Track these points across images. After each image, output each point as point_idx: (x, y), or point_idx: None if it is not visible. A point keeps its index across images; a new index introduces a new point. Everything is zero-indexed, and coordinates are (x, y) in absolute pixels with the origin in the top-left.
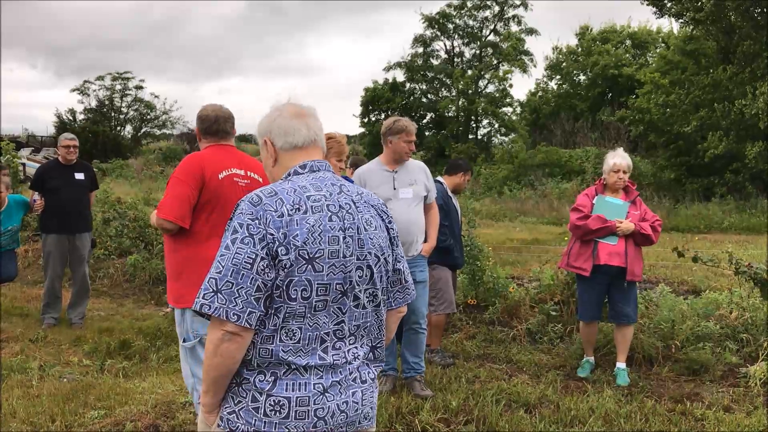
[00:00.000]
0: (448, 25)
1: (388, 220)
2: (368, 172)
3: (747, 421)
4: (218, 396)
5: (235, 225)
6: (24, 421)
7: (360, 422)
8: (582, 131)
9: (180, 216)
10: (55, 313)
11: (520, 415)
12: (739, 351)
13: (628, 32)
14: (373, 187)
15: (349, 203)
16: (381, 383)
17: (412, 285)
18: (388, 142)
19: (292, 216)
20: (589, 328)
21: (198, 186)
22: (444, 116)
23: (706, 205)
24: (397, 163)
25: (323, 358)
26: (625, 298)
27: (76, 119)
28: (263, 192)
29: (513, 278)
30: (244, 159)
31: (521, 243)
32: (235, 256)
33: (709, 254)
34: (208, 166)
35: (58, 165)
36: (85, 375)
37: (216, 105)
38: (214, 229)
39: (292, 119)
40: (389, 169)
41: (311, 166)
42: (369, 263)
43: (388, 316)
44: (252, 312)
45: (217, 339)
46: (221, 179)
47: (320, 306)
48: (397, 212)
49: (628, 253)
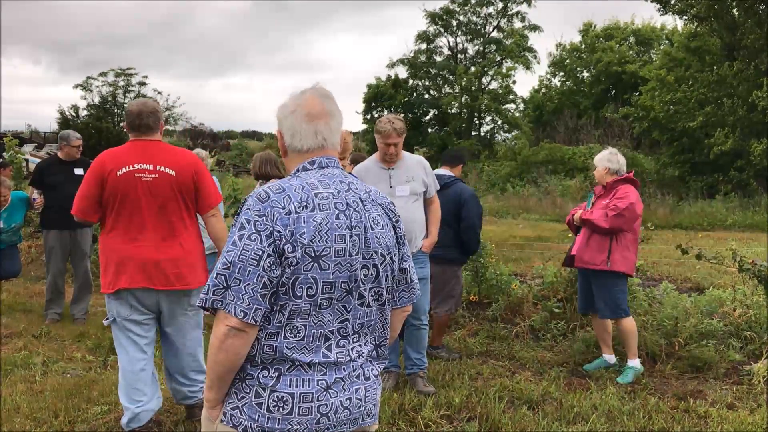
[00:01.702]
0: (451, 21)
1: (395, 219)
2: (364, 170)
3: (750, 419)
4: (222, 392)
5: (242, 221)
6: (27, 417)
7: (363, 419)
8: (585, 128)
9: (81, 210)
10: (58, 309)
11: (523, 412)
12: (742, 348)
13: (632, 29)
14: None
15: (356, 201)
16: (384, 380)
17: (417, 284)
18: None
19: (299, 213)
20: (593, 322)
21: (98, 184)
22: (447, 113)
23: (710, 203)
24: (389, 162)
25: (327, 355)
26: (597, 289)
27: (79, 115)
28: (271, 188)
29: (516, 275)
30: (158, 153)
31: (524, 240)
32: (242, 252)
33: (712, 252)
34: (108, 164)
35: (58, 161)
36: (88, 370)
37: (142, 100)
38: (115, 222)
39: (302, 122)
40: (385, 167)
41: (320, 162)
42: (375, 262)
43: (393, 315)
44: (258, 309)
45: (222, 334)
46: (119, 176)
47: (325, 304)
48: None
49: (579, 241)
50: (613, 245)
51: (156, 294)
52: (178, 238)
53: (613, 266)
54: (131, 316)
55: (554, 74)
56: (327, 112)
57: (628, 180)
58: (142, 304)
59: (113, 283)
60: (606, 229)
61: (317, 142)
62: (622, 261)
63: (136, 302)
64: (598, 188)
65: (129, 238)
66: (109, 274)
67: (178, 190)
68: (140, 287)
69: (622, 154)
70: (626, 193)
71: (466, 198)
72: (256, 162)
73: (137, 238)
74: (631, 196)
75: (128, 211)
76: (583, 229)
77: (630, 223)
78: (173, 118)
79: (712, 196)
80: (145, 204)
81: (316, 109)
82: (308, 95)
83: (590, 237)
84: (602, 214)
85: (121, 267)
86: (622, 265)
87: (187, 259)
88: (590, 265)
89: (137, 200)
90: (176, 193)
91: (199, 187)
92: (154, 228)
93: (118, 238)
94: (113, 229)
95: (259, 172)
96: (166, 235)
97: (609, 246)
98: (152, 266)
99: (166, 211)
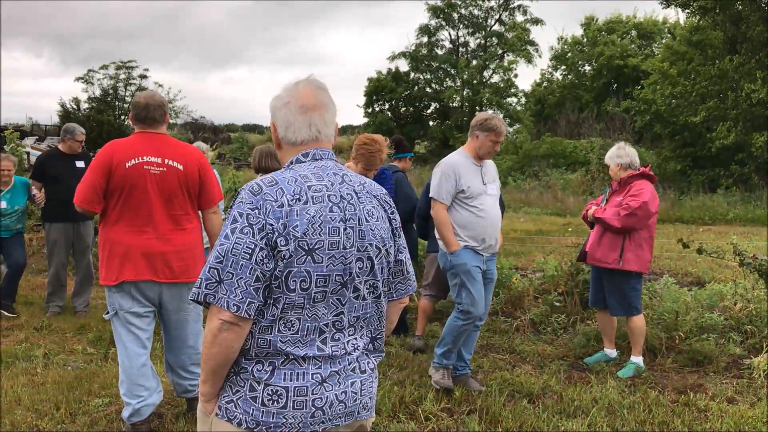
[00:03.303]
0: (453, 14)
1: (390, 210)
2: (461, 164)
3: (750, 413)
4: (216, 385)
5: (235, 214)
6: (29, 409)
7: (359, 412)
8: (587, 122)
9: (86, 200)
10: (59, 302)
11: (523, 405)
12: (743, 342)
13: (634, 23)
14: (467, 180)
15: (350, 194)
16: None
17: (413, 276)
18: (476, 136)
19: (292, 206)
20: (599, 316)
21: (105, 174)
22: (448, 106)
23: (711, 197)
24: (481, 158)
25: (322, 349)
26: (608, 287)
27: (80, 108)
28: (264, 181)
29: (517, 269)
30: (166, 146)
31: (525, 234)
32: (234, 246)
33: (713, 246)
34: (116, 155)
35: (59, 154)
36: (90, 363)
37: (150, 92)
38: (121, 214)
39: (296, 113)
40: (477, 164)
41: (314, 154)
42: (370, 254)
43: (390, 307)
44: (251, 302)
45: (215, 328)
46: (128, 167)
47: (319, 297)
48: (487, 208)
49: (592, 237)
50: (626, 244)
51: (159, 286)
52: (183, 231)
53: (626, 265)
54: (133, 309)
55: (556, 68)
56: (321, 103)
57: (644, 175)
58: (144, 296)
59: (117, 274)
60: (618, 228)
61: (311, 134)
62: (635, 260)
63: (139, 294)
64: (615, 183)
65: (135, 230)
66: (112, 265)
67: (184, 184)
68: (144, 279)
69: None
70: (640, 190)
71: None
72: (256, 155)
73: (144, 230)
74: (645, 193)
75: (135, 202)
76: (596, 226)
77: (643, 222)
78: (174, 111)
79: (713, 190)
80: (153, 196)
81: (310, 101)
82: (302, 87)
83: (603, 234)
84: (615, 213)
85: (126, 258)
86: (634, 264)
87: (191, 252)
88: (602, 264)
89: (145, 192)
90: (182, 187)
91: (204, 183)
92: (160, 220)
93: (123, 230)
94: (118, 221)
95: (259, 166)
96: (172, 228)
97: (622, 244)
98: (158, 258)
99: (173, 204)
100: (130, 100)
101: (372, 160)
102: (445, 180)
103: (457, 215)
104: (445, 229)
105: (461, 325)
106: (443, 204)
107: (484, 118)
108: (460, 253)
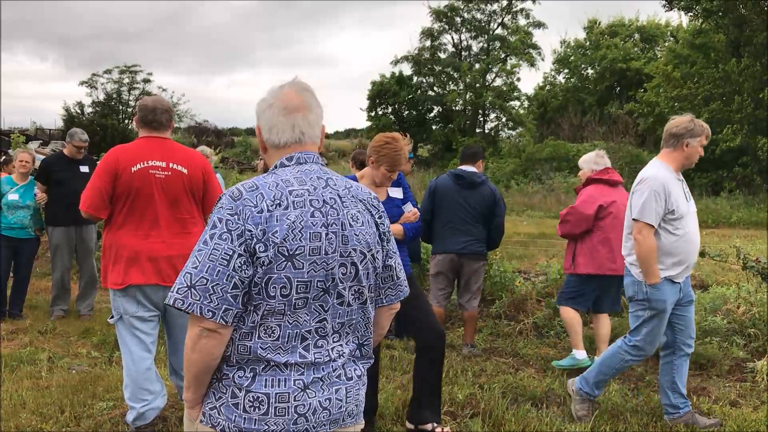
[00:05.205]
0: (455, 18)
1: (378, 215)
2: (670, 181)
3: (754, 416)
4: (199, 392)
5: (214, 219)
6: (33, 412)
7: (344, 419)
8: (590, 125)
9: (92, 206)
10: (64, 305)
11: (527, 408)
12: (746, 346)
13: (637, 26)
14: (676, 199)
15: (334, 198)
16: (586, 410)
17: (404, 281)
18: (684, 144)
19: (272, 212)
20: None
21: (111, 179)
22: (451, 110)
23: (715, 200)
24: (680, 170)
25: (304, 355)
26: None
27: (84, 112)
28: (245, 186)
29: (520, 272)
30: (170, 151)
31: (528, 237)
32: (212, 252)
33: (716, 249)
34: (122, 160)
35: (63, 158)
36: (94, 366)
37: (158, 96)
38: (126, 218)
39: (279, 115)
40: (679, 177)
41: (298, 158)
42: (354, 260)
43: (380, 313)
44: (228, 309)
45: (195, 335)
46: (134, 172)
47: (300, 304)
48: (692, 228)
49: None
50: (578, 248)
51: (164, 290)
52: (188, 235)
53: (577, 269)
54: (137, 313)
55: (559, 71)
56: (305, 105)
57: (591, 180)
58: (149, 300)
59: (123, 278)
60: (562, 236)
61: (294, 136)
62: (587, 263)
63: (144, 298)
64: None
65: (141, 234)
66: (117, 269)
67: (189, 188)
68: (150, 284)
69: (627, 151)
70: (579, 197)
71: (499, 197)
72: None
73: (149, 234)
74: (579, 198)
75: (141, 206)
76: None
77: (582, 225)
78: (178, 115)
79: (716, 194)
80: (158, 200)
81: (294, 102)
82: (286, 89)
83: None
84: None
85: (132, 262)
86: (585, 268)
87: None
88: (564, 271)
89: (150, 196)
90: (187, 191)
91: (207, 188)
92: (166, 224)
93: (129, 234)
94: (124, 225)
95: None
96: (177, 232)
97: (573, 250)
98: (164, 262)
99: (178, 208)
100: (133, 104)
101: (397, 159)
102: (656, 200)
103: (661, 241)
104: (651, 258)
105: (629, 360)
106: (652, 227)
107: (688, 121)
108: (663, 288)
